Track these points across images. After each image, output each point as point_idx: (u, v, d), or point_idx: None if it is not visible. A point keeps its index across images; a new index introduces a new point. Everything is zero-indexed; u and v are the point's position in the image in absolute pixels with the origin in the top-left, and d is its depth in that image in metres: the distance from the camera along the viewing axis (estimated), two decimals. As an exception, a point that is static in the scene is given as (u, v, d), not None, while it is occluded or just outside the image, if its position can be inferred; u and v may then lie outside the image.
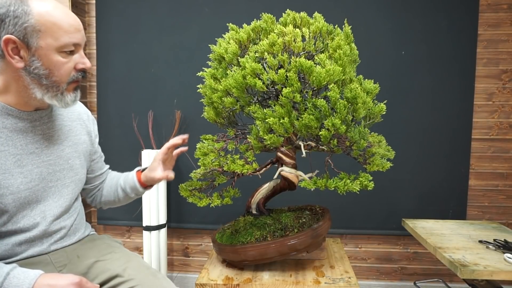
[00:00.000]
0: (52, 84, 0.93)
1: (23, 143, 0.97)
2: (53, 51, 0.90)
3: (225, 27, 1.32)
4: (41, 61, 0.90)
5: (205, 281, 1.21)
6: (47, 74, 0.92)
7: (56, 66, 0.92)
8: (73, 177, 1.09)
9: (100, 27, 2.23)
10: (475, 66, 2.10)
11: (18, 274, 0.85)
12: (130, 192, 1.21)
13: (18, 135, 0.96)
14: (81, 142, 1.13)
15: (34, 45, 0.88)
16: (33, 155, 0.98)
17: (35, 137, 1.00)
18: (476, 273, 1.20)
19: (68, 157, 1.07)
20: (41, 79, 0.92)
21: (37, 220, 1.00)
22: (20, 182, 0.95)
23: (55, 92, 0.94)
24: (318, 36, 1.21)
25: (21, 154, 0.96)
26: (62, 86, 0.95)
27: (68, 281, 0.85)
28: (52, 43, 0.90)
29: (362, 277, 2.27)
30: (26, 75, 0.91)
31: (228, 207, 1.34)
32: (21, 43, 0.88)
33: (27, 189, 0.97)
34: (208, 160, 1.24)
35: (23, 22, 0.87)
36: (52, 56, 0.91)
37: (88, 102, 2.30)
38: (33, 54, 0.89)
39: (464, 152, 2.13)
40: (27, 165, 0.97)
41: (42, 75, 0.91)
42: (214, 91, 1.25)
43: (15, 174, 0.94)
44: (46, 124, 1.03)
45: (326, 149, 1.21)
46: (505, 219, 2.17)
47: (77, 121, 1.14)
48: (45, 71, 0.91)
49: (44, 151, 1.01)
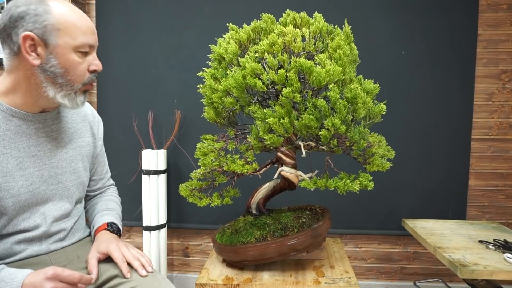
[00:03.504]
0: (67, 83, 0.94)
1: (26, 145, 0.97)
2: (70, 50, 0.92)
3: (225, 27, 1.32)
4: (58, 59, 0.91)
5: (205, 281, 1.21)
6: (63, 72, 0.93)
7: (72, 65, 0.93)
8: (75, 180, 1.09)
9: (100, 27, 2.23)
10: (475, 66, 2.10)
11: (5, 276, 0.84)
12: None
13: (21, 138, 0.96)
14: (85, 145, 1.13)
15: (52, 43, 0.90)
16: (35, 157, 0.98)
17: (38, 140, 1.00)
18: (476, 273, 1.20)
19: (71, 160, 1.07)
20: (56, 77, 0.93)
21: (38, 222, 1.00)
22: (21, 185, 0.95)
23: (68, 91, 0.95)
24: (318, 36, 1.21)
25: (23, 157, 0.96)
26: (76, 86, 0.96)
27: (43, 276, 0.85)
28: (70, 42, 0.91)
29: (362, 277, 2.27)
30: (40, 73, 0.92)
31: (228, 207, 1.34)
32: (40, 40, 0.89)
33: (28, 192, 0.96)
34: (208, 160, 1.24)
35: (43, 20, 0.88)
36: (69, 55, 0.92)
37: (88, 102, 2.29)
38: (50, 52, 0.90)
39: (464, 152, 2.13)
40: (29, 168, 0.97)
41: (58, 73, 0.92)
42: (214, 91, 1.25)
43: (16, 177, 0.94)
44: (50, 127, 1.03)
45: (326, 149, 1.21)
46: (505, 219, 2.17)
47: (82, 123, 1.14)
48: (61, 69, 0.92)
49: (46, 153, 1.01)
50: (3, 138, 0.93)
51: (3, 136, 0.93)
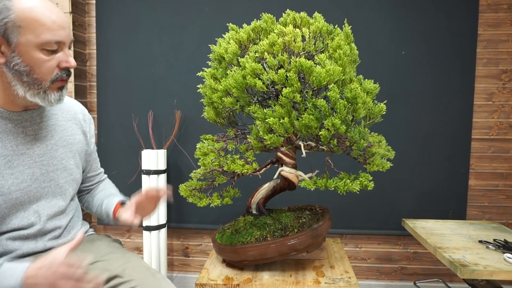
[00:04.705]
0: (34, 81, 0.91)
1: (14, 144, 0.96)
2: (34, 48, 0.88)
3: (225, 27, 1.32)
4: (21, 58, 0.88)
5: (205, 281, 1.21)
6: (28, 71, 0.89)
7: (37, 63, 0.90)
8: (67, 177, 1.08)
9: (100, 27, 2.23)
10: (475, 66, 2.10)
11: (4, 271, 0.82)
12: (105, 217, 1.18)
13: (8, 136, 0.95)
14: (76, 142, 1.12)
15: (14, 41, 0.87)
16: (24, 156, 0.98)
17: (26, 138, 0.99)
18: (476, 273, 1.20)
19: (61, 157, 1.06)
20: (21, 76, 0.90)
21: (32, 220, 0.99)
22: (10, 184, 0.94)
23: (37, 90, 0.92)
24: (318, 36, 1.21)
25: (11, 156, 0.95)
26: (44, 84, 0.92)
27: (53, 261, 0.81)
28: (32, 40, 0.88)
29: (362, 277, 2.27)
30: (8, 71, 0.90)
31: (228, 207, 1.34)
32: (2, 38, 0.87)
33: (19, 190, 0.96)
34: (208, 160, 1.24)
35: (3, 17, 0.86)
36: (33, 53, 0.89)
37: (88, 102, 2.29)
38: (13, 50, 0.88)
39: (464, 152, 2.13)
40: (18, 166, 0.96)
41: (22, 71, 0.89)
42: (214, 91, 1.25)
43: (5, 176, 0.94)
44: (38, 125, 1.02)
45: (326, 149, 1.21)
46: (505, 219, 2.17)
47: (72, 121, 1.13)
48: (26, 68, 0.89)
49: (36, 151, 1.00)
50: None
51: None
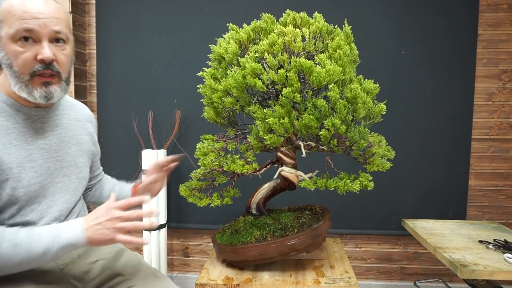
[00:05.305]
0: (15, 74, 0.91)
1: (34, 138, 0.98)
2: (9, 40, 0.89)
3: (225, 27, 1.32)
4: (4, 51, 0.90)
5: (205, 281, 1.21)
6: (10, 63, 0.91)
7: (13, 55, 0.90)
8: (78, 174, 1.10)
9: (100, 27, 2.23)
10: (475, 66, 2.10)
11: (64, 228, 0.90)
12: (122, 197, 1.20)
13: (30, 131, 0.98)
14: (84, 142, 1.14)
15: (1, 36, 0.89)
16: (42, 150, 1.00)
17: (44, 134, 1.01)
18: (476, 273, 1.20)
19: (74, 155, 1.09)
20: (8, 69, 0.91)
21: (44, 213, 1.00)
22: (31, 176, 0.96)
23: (19, 84, 0.92)
24: (318, 36, 1.21)
25: (32, 149, 0.97)
26: (23, 77, 0.92)
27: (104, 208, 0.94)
28: (8, 32, 0.89)
29: (362, 277, 2.27)
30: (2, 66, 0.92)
31: (228, 207, 1.34)
32: None
33: (37, 183, 0.98)
34: (208, 160, 1.24)
35: None
36: (10, 46, 0.89)
37: (88, 102, 2.30)
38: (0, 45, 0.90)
39: (464, 152, 2.13)
40: (38, 160, 0.98)
41: (7, 65, 0.91)
42: (214, 91, 1.25)
43: (27, 168, 0.95)
44: (54, 121, 1.04)
45: (326, 149, 1.21)
46: (505, 219, 2.17)
47: (82, 122, 1.16)
48: (8, 60, 0.90)
49: (52, 147, 1.02)
50: (13, 131, 0.94)
51: (12, 129, 0.94)
